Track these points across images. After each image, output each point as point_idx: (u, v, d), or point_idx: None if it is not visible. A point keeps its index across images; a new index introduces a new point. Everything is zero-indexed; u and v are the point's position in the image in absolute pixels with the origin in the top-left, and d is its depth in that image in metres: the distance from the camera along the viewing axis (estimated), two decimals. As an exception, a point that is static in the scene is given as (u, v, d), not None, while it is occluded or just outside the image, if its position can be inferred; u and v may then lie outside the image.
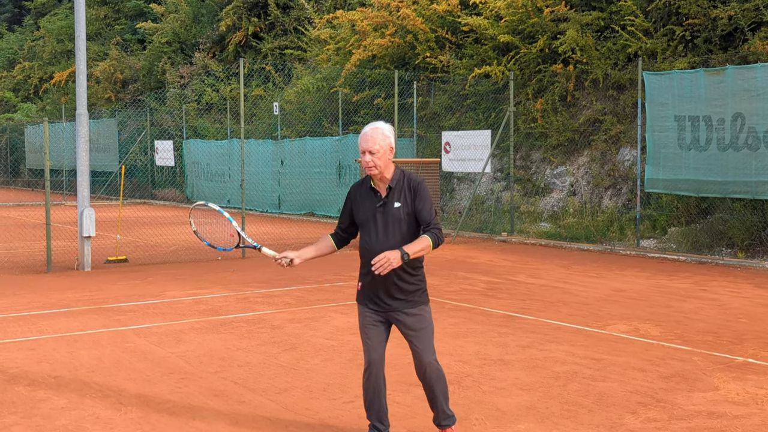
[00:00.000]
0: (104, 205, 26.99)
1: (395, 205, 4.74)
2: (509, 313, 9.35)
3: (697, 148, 14.33)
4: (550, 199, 18.49)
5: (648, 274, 12.49)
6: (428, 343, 4.81)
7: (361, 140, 4.73)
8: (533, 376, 6.65)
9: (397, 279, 4.73)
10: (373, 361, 4.81)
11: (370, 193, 4.82)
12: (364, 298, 4.86)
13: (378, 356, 4.81)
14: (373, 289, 4.78)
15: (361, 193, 4.88)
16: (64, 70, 40.83)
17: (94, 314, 9.28)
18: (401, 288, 4.75)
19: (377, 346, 4.81)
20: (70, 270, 12.91)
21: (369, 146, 4.69)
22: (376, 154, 4.68)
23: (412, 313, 4.77)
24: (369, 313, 4.82)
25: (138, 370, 6.86)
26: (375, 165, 4.69)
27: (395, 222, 4.72)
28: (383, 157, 4.70)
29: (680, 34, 16.48)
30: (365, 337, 4.83)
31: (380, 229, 4.73)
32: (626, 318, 9.07)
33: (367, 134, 4.71)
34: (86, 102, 13.29)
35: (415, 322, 4.78)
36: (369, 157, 4.68)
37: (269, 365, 7.01)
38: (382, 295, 4.76)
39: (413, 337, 4.79)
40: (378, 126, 4.75)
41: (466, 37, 20.95)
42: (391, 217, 4.73)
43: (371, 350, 4.81)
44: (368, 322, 4.82)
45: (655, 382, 6.48)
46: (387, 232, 4.72)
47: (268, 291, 10.93)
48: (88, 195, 13.14)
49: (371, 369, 4.82)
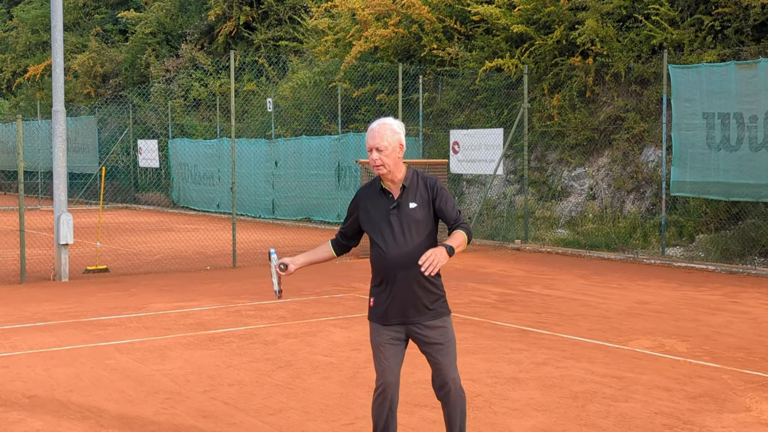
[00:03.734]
0: (83, 210, 27.04)
1: (410, 206, 4.68)
2: (523, 328, 9.37)
3: (727, 148, 14.34)
4: (567, 204, 18.50)
5: (674, 285, 12.49)
6: (453, 358, 4.77)
7: (368, 137, 4.69)
8: (549, 395, 6.67)
9: (419, 287, 4.66)
10: (389, 384, 4.73)
11: (381, 196, 4.75)
12: (378, 314, 4.74)
13: (394, 378, 4.74)
14: (392, 301, 4.68)
15: (370, 195, 4.80)
16: (39, 63, 40.91)
17: (72, 329, 9.30)
18: (424, 297, 4.68)
19: (394, 368, 4.73)
20: (45, 281, 12.93)
21: (376, 143, 4.64)
22: (384, 152, 4.63)
23: (435, 325, 4.71)
24: (385, 330, 4.72)
25: (120, 390, 6.88)
26: (383, 164, 4.64)
27: (412, 224, 4.66)
28: (392, 155, 4.65)
29: (709, 24, 16.51)
30: (381, 357, 4.73)
31: (396, 233, 4.66)
32: (650, 333, 9.07)
33: (375, 130, 4.68)
34: (63, 98, 13.31)
35: (439, 335, 4.72)
36: (377, 155, 4.63)
37: (262, 384, 7.03)
38: (404, 306, 4.68)
39: (437, 352, 4.72)
40: (386, 121, 4.71)
41: (477, 28, 20.99)
42: (407, 219, 4.66)
43: (387, 372, 4.72)
44: (384, 340, 4.72)
45: (681, 402, 6.49)
46: (404, 235, 4.65)
47: (260, 303, 10.94)
48: (66, 199, 13.17)
49: (386, 392, 4.73)
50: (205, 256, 15.86)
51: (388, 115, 5.61)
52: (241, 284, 12.63)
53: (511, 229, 18.31)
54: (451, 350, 4.76)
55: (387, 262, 4.63)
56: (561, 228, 18.07)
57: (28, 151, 30.77)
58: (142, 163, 30.77)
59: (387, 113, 22.43)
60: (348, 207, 4.93)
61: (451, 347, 4.76)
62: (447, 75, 21.61)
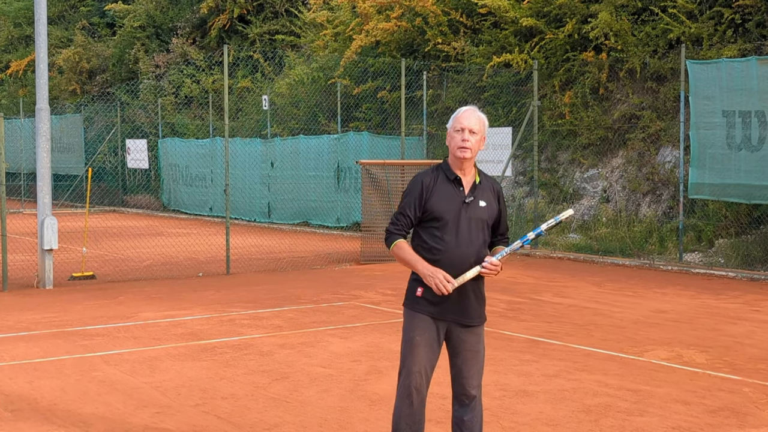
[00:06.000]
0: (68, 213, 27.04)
1: (481, 204, 4.72)
2: (533, 338, 9.37)
3: (748, 147, 14.34)
4: (579, 207, 18.51)
5: (692, 292, 12.50)
6: (480, 369, 4.81)
7: (459, 117, 4.71)
8: (560, 409, 6.67)
9: (472, 288, 4.71)
10: (419, 387, 4.69)
11: (453, 186, 4.74)
12: (425, 306, 4.69)
13: (426, 382, 4.72)
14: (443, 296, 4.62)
15: (439, 181, 4.74)
16: (21, 58, 40.94)
17: (57, 339, 9.31)
18: (474, 299, 4.73)
19: (428, 371, 4.72)
20: (29, 288, 12.95)
21: (471, 124, 4.67)
22: (476, 135, 4.69)
23: (477, 332, 4.75)
24: (427, 328, 4.68)
25: (107, 403, 6.88)
26: (471, 147, 4.66)
27: (479, 224, 4.71)
28: (478, 144, 4.71)
29: (729, 17, 16.52)
30: (416, 357, 4.68)
31: (463, 229, 4.66)
32: (667, 343, 9.08)
33: (468, 111, 4.72)
34: (47, 95, 13.33)
35: (476, 342, 4.75)
36: (468, 136, 4.65)
37: (257, 397, 7.04)
38: (455, 304, 4.67)
39: (468, 359, 4.74)
40: (477, 110, 4.77)
41: (484, 21, 21.01)
42: (475, 217, 4.70)
43: (421, 374, 4.69)
44: (424, 340, 4.68)
45: (700, 416, 6.50)
46: (471, 234, 4.68)
47: (255, 312, 10.96)
48: (50, 202, 13.18)
49: (414, 397, 4.70)
50: (197, 262, 15.87)
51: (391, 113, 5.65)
52: (235, 292, 12.64)
53: (520, 233, 18.31)
54: (481, 361, 4.81)
55: (451, 257, 4.61)
56: (573, 232, 18.08)
57: (10, 152, 30.79)
58: (130, 164, 30.79)
59: (389, 111, 22.47)
60: (408, 190, 4.78)
61: (481, 358, 4.82)
62: (452, 71, 21.63)
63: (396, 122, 21.53)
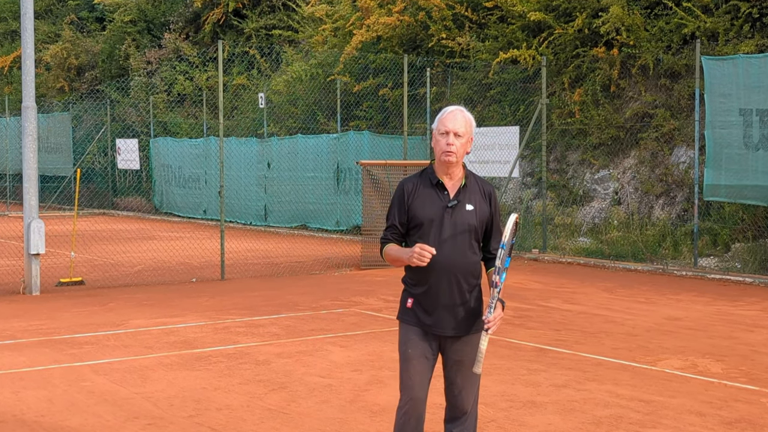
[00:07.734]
0: (56, 216, 27.09)
1: (467, 208, 4.72)
2: (541, 346, 9.38)
3: (766, 147, 14.34)
4: (590, 210, 18.52)
5: (707, 299, 12.50)
6: (476, 383, 4.80)
7: (443, 119, 4.72)
8: (570, 421, 6.68)
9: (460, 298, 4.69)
10: (417, 399, 4.72)
11: (436, 189, 4.76)
12: (415, 318, 4.74)
13: (424, 394, 4.75)
14: (432, 307, 4.67)
15: (421, 185, 4.79)
16: (7, 54, 41.02)
17: (44, 347, 9.32)
18: (465, 309, 4.72)
19: (424, 383, 4.74)
20: (14, 294, 12.96)
21: (456, 127, 4.68)
22: (461, 138, 4.69)
23: (471, 341, 4.73)
24: (420, 341, 4.72)
25: (96, 414, 6.89)
26: (456, 152, 4.68)
27: (465, 228, 4.69)
28: (464, 147, 4.72)
29: (746, 11, 16.53)
30: (411, 371, 4.73)
31: (447, 234, 4.67)
32: (681, 352, 9.08)
33: (454, 113, 4.72)
34: (34, 93, 13.35)
35: (469, 352, 4.73)
36: (453, 139, 4.66)
37: (253, 408, 7.05)
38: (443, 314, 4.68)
39: (460, 371, 4.74)
40: (463, 110, 4.77)
41: (490, 15, 21.03)
42: (461, 222, 4.69)
43: (417, 387, 4.72)
44: (418, 352, 4.72)
45: (715, 428, 6.50)
46: (455, 239, 4.67)
47: (251, 319, 10.96)
48: (37, 204, 13.20)
49: (412, 410, 4.73)
50: (190, 267, 15.88)
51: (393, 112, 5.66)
52: (230, 298, 12.65)
53: (527, 237, 18.32)
54: (477, 375, 4.78)
55: (433, 265, 4.59)
56: (583, 236, 18.08)
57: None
58: (121, 165, 30.80)
59: (391, 110, 22.48)
60: (394, 198, 4.86)
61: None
62: (457, 67, 21.65)
63: (398, 121, 21.53)
